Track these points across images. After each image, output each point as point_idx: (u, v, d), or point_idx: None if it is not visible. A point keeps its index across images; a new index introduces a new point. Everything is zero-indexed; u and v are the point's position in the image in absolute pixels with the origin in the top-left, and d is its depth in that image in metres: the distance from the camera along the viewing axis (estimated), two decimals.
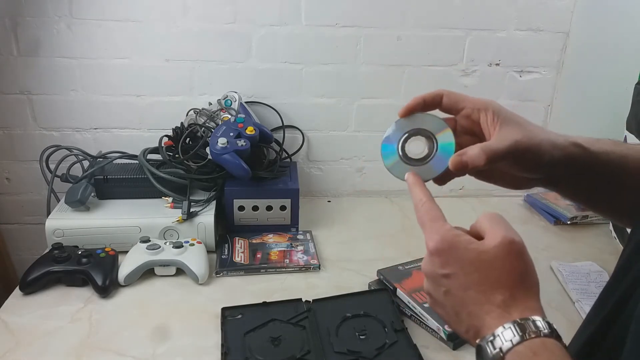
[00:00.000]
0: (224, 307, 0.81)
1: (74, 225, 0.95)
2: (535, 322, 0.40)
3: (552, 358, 0.39)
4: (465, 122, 0.53)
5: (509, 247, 0.43)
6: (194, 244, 0.94)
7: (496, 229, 0.44)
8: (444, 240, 0.44)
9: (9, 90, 1.13)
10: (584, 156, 0.50)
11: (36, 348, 0.74)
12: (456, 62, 1.21)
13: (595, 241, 1.09)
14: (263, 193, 1.05)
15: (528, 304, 0.42)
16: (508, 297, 0.42)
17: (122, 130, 1.19)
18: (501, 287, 0.42)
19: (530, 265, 0.44)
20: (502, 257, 0.43)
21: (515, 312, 0.41)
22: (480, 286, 0.43)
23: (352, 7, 1.14)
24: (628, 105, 0.98)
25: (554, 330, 0.41)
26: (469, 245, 0.44)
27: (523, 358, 0.39)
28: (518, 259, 0.43)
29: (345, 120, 1.24)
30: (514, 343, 0.39)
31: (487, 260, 0.43)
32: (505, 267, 0.43)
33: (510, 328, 0.40)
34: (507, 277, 0.42)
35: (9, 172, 1.21)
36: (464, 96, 0.53)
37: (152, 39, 1.12)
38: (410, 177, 0.51)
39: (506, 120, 0.50)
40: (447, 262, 0.44)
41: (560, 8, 1.19)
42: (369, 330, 0.77)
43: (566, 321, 0.82)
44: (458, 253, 0.44)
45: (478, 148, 0.47)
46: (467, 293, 0.43)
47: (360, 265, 0.97)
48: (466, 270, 0.43)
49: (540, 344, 0.39)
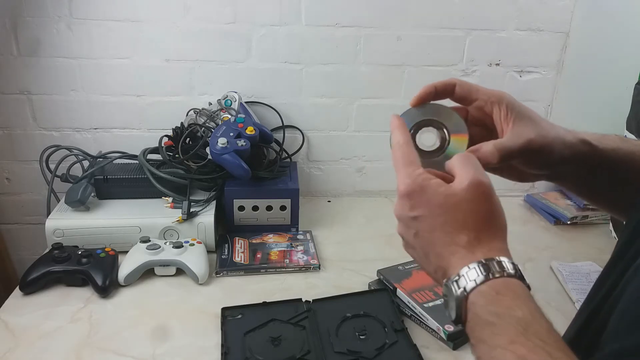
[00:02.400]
0: (224, 307, 0.81)
1: (74, 225, 0.95)
2: (500, 262, 0.41)
3: (514, 297, 0.39)
4: (477, 113, 0.53)
5: (476, 189, 0.43)
6: (194, 244, 0.94)
7: (465, 171, 0.44)
8: (414, 184, 0.45)
9: (9, 90, 1.13)
10: (591, 153, 0.50)
11: (36, 348, 0.74)
12: (456, 62, 1.21)
13: (595, 241, 1.09)
14: (263, 193, 1.05)
15: (493, 245, 0.42)
16: (473, 238, 0.43)
17: (122, 130, 1.19)
18: (466, 228, 0.43)
19: (498, 207, 0.44)
20: (468, 199, 0.43)
21: (479, 253, 0.42)
22: (446, 227, 0.43)
23: (352, 7, 1.14)
24: (628, 105, 0.98)
25: (518, 271, 0.41)
26: (438, 189, 0.44)
27: (486, 297, 0.40)
28: (485, 201, 0.43)
29: (345, 120, 1.24)
30: (477, 283, 0.40)
31: (454, 202, 0.43)
32: (471, 209, 0.43)
33: (474, 268, 0.41)
34: (472, 218, 0.43)
35: (9, 172, 1.21)
36: (477, 87, 0.52)
37: (152, 39, 1.12)
38: (394, 119, 0.50)
39: (519, 115, 0.49)
40: (416, 205, 0.45)
41: (560, 8, 1.19)
42: (369, 330, 0.77)
43: (566, 321, 0.81)
44: (427, 196, 0.44)
45: (492, 146, 0.47)
46: (434, 234, 0.44)
47: (360, 265, 0.97)
48: (434, 212, 0.44)
49: (504, 283, 0.40)
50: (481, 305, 0.40)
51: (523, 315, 0.38)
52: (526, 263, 0.97)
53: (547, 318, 0.39)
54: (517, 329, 0.38)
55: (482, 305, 0.40)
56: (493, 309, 0.39)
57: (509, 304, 0.39)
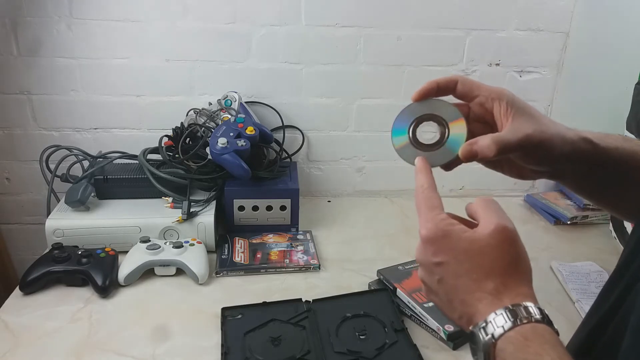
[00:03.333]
0: (224, 307, 0.81)
1: (74, 225, 0.95)
2: (527, 307, 0.41)
3: (543, 343, 0.39)
4: (478, 110, 0.53)
5: (502, 234, 0.43)
6: (194, 244, 0.94)
7: (489, 217, 0.44)
8: (436, 229, 0.44)
9: (9, 90, 1.13)
10: (593, 152, 0.50)
11: (36, 348, 0.74)
12: (456, 62, 1.21)
13: (595, 241, 1.09)
14: (263, 193, 1.05)
15: (520, 291, 0.42)
16: (499, 284, 0.42)
17: (122, 130, 1.19)
18: (493, 274, 0.43)
19: (523, 252, 0.44)
20: (494, 245, 0.43)
21: (506, 299, 0.41)
22: (472, 274, 0.43)
23: (352, 7, 1.14)
24: (628, 105, 0.98)
25: (546, 316, 0.41)
26: (462, 234, 0.44)
27: (514, 343, 0.39)
28: (510, 247, 0.43)
29: (345, 120, 1.24)
30: (505, 329, 0.40)
31: (479, 248, 0.43)
32: (497, 255, 0.43)
33: (502, 314, 0.40)
34: (498, 264, 0.43)
35: (9, 172, 1.21)
36: (478, 83, 0.52)
37: (152, 39, 1.12)
38: (420, 162, 0.50)
39: (519, 111, 0.49)
40: (440, 251, 0.44)
41: (560, 8, 1.19)
42: (369, 330, 0.77)
43: (566, 321, 0.81)
44: (451, 242, 0.44)
45: (489, 139, 0.47)
46: (459, 281, 0.44)
47: (360, 265, 0.97)
48: (458, 258, 0.43)
49: (532, 329, 0.40)
50: (510, 352, 0.39)
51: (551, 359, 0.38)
52: None
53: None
54: None
55: (511, 352, 0.39)
56: (522, 355, 0.39)
57: (537, 350, 0.39)
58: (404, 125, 0.53)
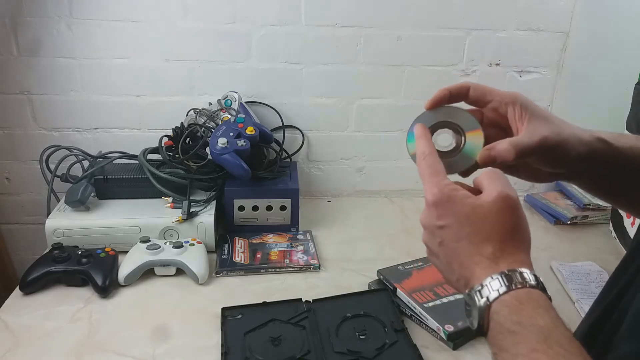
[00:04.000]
0: (224, 307, 0.81)
1: (74, 225, 0.95)
2: (523, 273, 0.42)
3: (536, 307, 0.40)
4: (492, 115, 0.53)
5: (504, 202, 0.44)
6: (194, 244, 0.94)
7: (494, 185, 0.45)
8: (441, 193, 0.45)
9: (9, 90, 1.13)
10: (608, 151, 0.50)
11: (36, 348, 0.74)
12: (456, 62, 1.21)
13: (595, 241, 1.09)
14: (263, 193, 1.05)
15: (517, 257, 0.43)
16: (498, 249, 0.43)
17: (122, 130, 1.19)
18: (492, 239, 0.44)
19: (523, 221, 0.45)
20: (495, 211, 0.44)
21: (503, 264, 0.43)
22: (472, 238, 0.44)
23: (352, 7, 1.14)
24: (628, 105, 0.98)
25: (540, 283, 0.42)
26: (466, 200, 0.45)
27: (509, 306, 0.40)
28: (511, 214, 0.44)
29: (345, 120, 1.24)
30: (500, 293, 0.41)
31: (481, 213, 0.44)
32: (498, 221, 0.44)
33: (497, 278, 0.41)
34: (498, 230, 0.44)
35: (9, 172, 1.21)
36: (491, 89, 0.53)
37: (152, 39, 1.12)
38: (419, 128, 0.51)
39: (534, 114, 0.50)
40: (443, 214, 0.45)
41: (560, 8, 1.19)
42: (369, 330, 0.77)
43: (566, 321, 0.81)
44: (454, 206, 0.45)
45: (507, 143, 0.47)
46: (459, 244, 0.45)
47: (360, 265, 0.97)
48: (460, 222, 0.45)
49: (526, 294, 0.41)
50: (504, 315, 0.40)
51: (545, 323, 0.39)
52: None
53: (568, 327, 0.40)
54: (539, 337, 0.38)
55: (505, 314, 0.40)
56: (515, 317, 0.40)
57: (531, 313, 0.40)
58: None
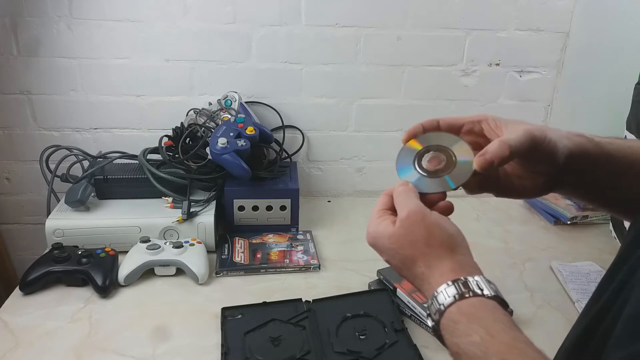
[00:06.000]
0: (224, 307, 0.81)
1: (74, 225, 0.95)
2: (453, 286, 0.43)
3: (469, 321, 0.42)
4: (469, 138, 0.54)
5: (407, 221, 0.46)
6: (194, 244, 0.94)
7: (399, 207, 0.48)
8: (369, 234, 0.50)
9: (9, 90, 1.13)
10: (589, 145, 0.50)
11: (36, 348, 0.74)
12: (456, 62, 1.21)
13: (595, 241, 1.09)
14: (263, 193, 1.05)
15: (443, 269, 0.45)
16: (425, 266, 0.46)
17: (122, 130, 1.19)
18: (416, 259, 0.46)
19: (432, 227, 0.46)
20: (404, 233, 0.46)
21: (433, 282, 0.45)
22: (404, 265, 0.47)
23: (352, 7, 1.14)
24: (628, 105, 0.98)
25: (472, 288, 0.43)
26: (385, 232, 0.48)
27: (447, 330, 0.43)
28: (417, 228, 0.46)
29: (345, 120, 1.24)
30: (438, 318, 0.44)
31: (396, 241, 0.47)
32: (410, 241, 0.46)
33: (434, 300, 0.44)
34: (416, 247, 0.46)
35: (9, 172, 1.21)
36: (458, 116, 0.54)
37: (152, 39, 1.12)
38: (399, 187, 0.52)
39: (508, 121, 0.50)
40: (380, 252, 0.50)
41: (560, 8, 1.19)
42: (369, 330, 0.77)
43: (566, 321, 0.82)
44: (380, 242, 0.49)
45: (497, 142, 0.47)
46: (403, 273, 0.49)
47: (360, 265, 0.97)
48: (390, 255, 0.48)
49: (457, 310, 0.42)
50: (447, 338, 0.43)
51: (480, 338, 0.40)
52: (526, 263, 0.97)
53: (509, 330, 0.40)
54: (477, 355, 0.39)
55: (448, 338, 0.43)
56: (455, 340, 0.42)
57: (465, 331, 0.41)
58: (408, 162, 0.54)
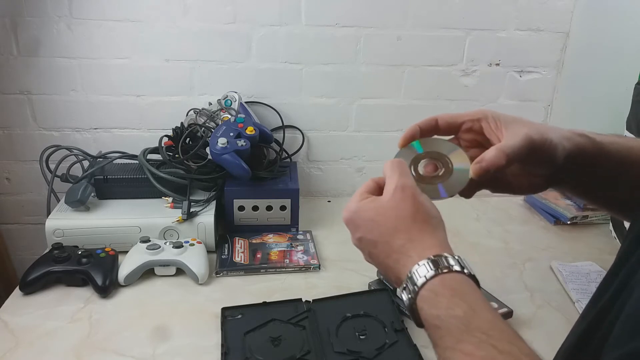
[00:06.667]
0: (224, 307, 0.81)
1: (74, 225, 0.95)
2: (435, 260, 0.43)
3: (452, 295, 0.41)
4: (469, 136, 0.53)
5: (399, 192, 0.46)
6: (194, 244, 0.94)
7: (390, 179, 0.48)
8: (348, 210, 0.49)
9: (9, 90, 1.13)
10: (590, 145, 0.50)
11: (36, 348, 0.74)
12: (456, 62, 1.21)
13: (595, 241, 1.09)
14: (263, 193, 1.05)
15: (425, 244, 0.44)
16: (406, 239, 0.45)
17: (122, 130, 1.19)
18: (398, 231, 0.45)
19: (422, 204, 0.46)
20: (392, 205, 0.46)
21: (414, 255, 0.44)
22: (384, 237, 0.46)
23: (352, 7, 1.14)
24: (628, 105, 0.98)
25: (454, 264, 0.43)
26: (369, 204, 0.47)
27: (427, 301, 0.42)
28: (407, 202, 0.46)
29: (345, 120, 1.24)
30: (418, 289, 0.42)
31: (382, 213, 0.46)
32: (397, 214, 0.46)
33: (414, 273, 0.43)
34: (401, 220, 0.45)
35: (9, 172, 1.21)
36: (457, 113, 0.53)
37: (152, 39, 1.12)
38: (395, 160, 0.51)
39: (508, 120, 0.50)
40: (355, 228, 0.48)
41: (560, 8, 1.19)
42: (369, 330, 0.77)
43: (566, 321, 0.82)
44: (361, 215, 0.48)
45: (494, 149, 0.47)
46: (377, 249, 0.47)
47: (360, 265, 0.96)
48: (369, 228, 0.47)
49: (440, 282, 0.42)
50: (425, 311, 0.42)
51: (463, 312, 0.39)
52: (526, 263, 0.97)
53: (489, 307, 0.41)
54: (460, 328, 0.39)
55: (426, 310, 0.42)
56: (435, 312, 0.41)
57: (448, 304, 0.40)
58: None
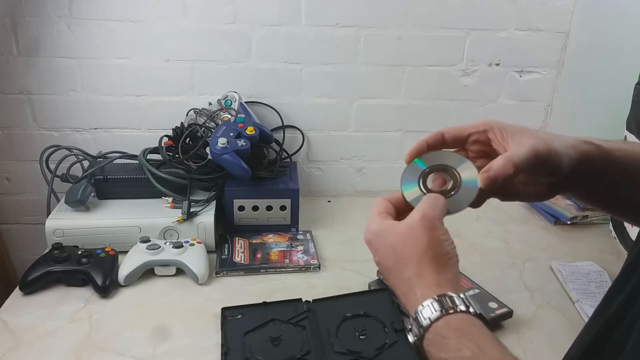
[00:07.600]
0: (224, 307, 0.81)
1: (74, 225, 0.95)
2: (440, 301, 0.42)
3: (459, 336, 0.40)
4: (477, 147, 0.53)
5: (419, 222, 0.45)
6: (194, 244, 0.94)
7: (416, 209, 0.47)
8: (369, 231, 0.48)
9: (9, 90, 1.13)
10: (597, 153, 0.50)
11: (36, 348, 0.74)
12: (456, 62, 1.21)
13: (595, 241, 1.09)
14: (263, 193, 1.05)
15: (432, 280, 0.43)
16: (414, 273, 0.44)
17: (122, 130, 1.19)
18: (410, 262, 0.44)
19: (436, 238, 0.45)
20: (409, 233, 0.45)
21: (419, 292, 0.43)
22: (396, 267, 0.45)
23: (352, 7, 1.14)
24: (628, 105, 0.98)
25: (459, 303, 0.42)
26: (391, 229, 0.46)
27: (434, 344, 0.41)
28: (425, 233, 0.45)
29: (345, 120, 1.24)
30: (423, 331, 0.42)
31: (400, 240, 0.45)
32: (413, 243, 0.45)
33: (419, 314, 0.42)
34: (415, 252, 0.44)
35: (9, 172, 1.21)
36: (463, 125, 0.53)
37: (152, 39, 1.12)
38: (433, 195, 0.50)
39: (514, 130, 0.50)
40: (375, 251, 0.48)
41: (560, 8, 1.19)
42: (369, 330, 0.77)
43: (566, 321, 0.82)
44: (382, 239, 0.47)
45: (502, 159, 0.47)
46: (390, 276, 0.47)
47: (360, 265, 0.97)
48: (387, 253, 0.46)
49: (445, 324, 0.41)
50: (434, 354, 0.41)
51: (472, 353, 0.39)
52: (526, 263, 0.97)
53: (498, 345, 0.40)
54: None
55: (435, 353, 0.41)
56: (444, 355, 0.40)
57: (455, 346, 0.40)
58: (413, 179, 0.52)
